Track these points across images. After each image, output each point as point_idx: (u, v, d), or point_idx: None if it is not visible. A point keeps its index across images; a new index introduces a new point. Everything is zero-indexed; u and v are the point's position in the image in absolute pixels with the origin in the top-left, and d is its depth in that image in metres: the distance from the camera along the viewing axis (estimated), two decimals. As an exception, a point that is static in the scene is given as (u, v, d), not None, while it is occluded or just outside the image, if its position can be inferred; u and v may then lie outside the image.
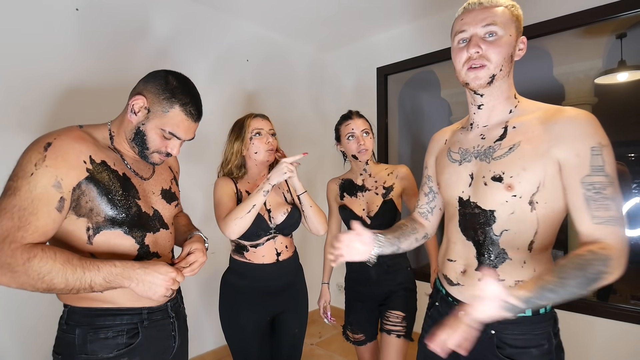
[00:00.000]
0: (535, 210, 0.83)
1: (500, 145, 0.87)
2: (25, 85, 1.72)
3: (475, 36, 0.85)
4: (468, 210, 0.91)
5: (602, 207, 0.74)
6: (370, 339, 1.63)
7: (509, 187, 0.83)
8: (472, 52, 0.84)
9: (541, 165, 0.80)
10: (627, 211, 1.99)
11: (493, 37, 0.84)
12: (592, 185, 0.75)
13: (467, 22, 0.86)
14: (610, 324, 1.89)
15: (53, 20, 1.80)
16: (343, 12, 2.54)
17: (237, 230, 1.29)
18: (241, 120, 1.46)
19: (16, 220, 0.77)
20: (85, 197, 0.86)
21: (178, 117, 0.94)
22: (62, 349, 0.90)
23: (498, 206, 0.85)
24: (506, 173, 0.84)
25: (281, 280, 1.44)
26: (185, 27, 2.32)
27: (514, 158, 0.84)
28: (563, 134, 0.79)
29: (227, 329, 1.44)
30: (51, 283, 0.77)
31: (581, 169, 0.76)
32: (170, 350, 1.02)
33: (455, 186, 0.95)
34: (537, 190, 0.82)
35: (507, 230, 0.85)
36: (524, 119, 0.87)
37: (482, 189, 0.88)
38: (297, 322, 1.50)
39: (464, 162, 0.94)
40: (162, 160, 1.00)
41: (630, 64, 1.96)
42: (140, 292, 0.86)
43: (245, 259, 1.41)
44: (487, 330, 0.86)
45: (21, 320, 1.69)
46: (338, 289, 3.27)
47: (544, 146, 0.81)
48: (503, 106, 0.91)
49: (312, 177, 3.22)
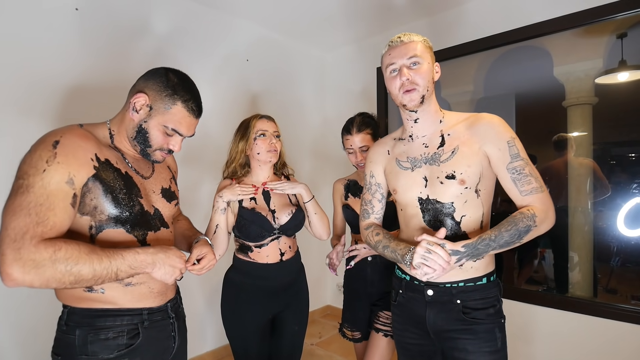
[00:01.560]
0: (480, 196, 1.06)
1: (443, 150, 1.08)
2: (25, 84, 1.72)
3: (403, 66, 1.06)
4: (430, 207, 1.09)
5: (525, 183, 1.00)
6: (366, 337, 1.65)
7: (462, 182, 1.04)
8: (404, 80, 1.05)
9: (478, 161, 1.04)
10: (627, 211, 1.99)
11: (417, 66, 1.06)
12: (514, 169, 1.01)
13: (394, 56, 1.07)
14: (610, 324, 1.89)
15: (53, 20, 1.80)
16: (343, 11, 2.54)
17: (218, 251, 1.37)
18: (247, 120, 1.48)
19: (34, 216, 0.75)
20: (91, 195, 0.86)
21: (180, 114, 0.95)
22: (62, 349, 0.89)
23: (455, 198, 1.06)
24: (457, 171, 1.05)
25: (284, 280, 1.47)
26: (185, 27, 2.32)
27: (458, 159, 1.05)
28: (486, 135, 1.04)
29: (229, 325, 1.45)
30: (79, 275, 0.77)
31: (504, 159, 1.01)
32: (170, 351, 1.02)
33: (413, 189, 1.12)
34: (479, 181, 1.05)
35: (465, 215, 1.06)
36: (454, 127, 1.10)
37: (439, 187, 1.07)
38: (297, 319, 1.53)
39: (416, 168, 1.13)
40: (164, 157, 1.01)
41: (630, 63, 1.96)
42: (159, 275, 0.90)
43: (250, 259, 1.44)
44: (453, 301, 1.06)
45: (21, 321, 1.69)
46: (338, 289, 3.28)
47: (475, 146, 1.04)
48: (434, 118, 1.13)
49: (313, 176, 3.22)
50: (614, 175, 2.06)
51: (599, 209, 2.07)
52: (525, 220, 0.97)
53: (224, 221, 1.37)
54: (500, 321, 1.07)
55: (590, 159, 2.11)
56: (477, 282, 1.06)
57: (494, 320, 1.06)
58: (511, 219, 0.98)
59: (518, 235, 0.97)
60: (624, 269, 2.04)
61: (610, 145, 2.09)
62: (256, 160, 1.47)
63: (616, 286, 2.07)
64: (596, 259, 2.11)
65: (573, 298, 2.08)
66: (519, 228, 0.96)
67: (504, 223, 0.98)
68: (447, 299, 1.07)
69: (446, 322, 1.07)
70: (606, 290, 2.09)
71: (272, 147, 1.44)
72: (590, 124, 2.10)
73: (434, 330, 1.10)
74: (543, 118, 2.35)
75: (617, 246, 2.04)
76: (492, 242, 0.97)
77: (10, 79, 1.68)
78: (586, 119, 2.11)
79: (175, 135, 0.97)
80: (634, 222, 1.96)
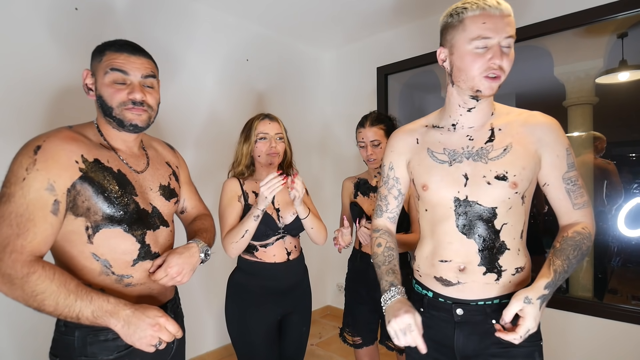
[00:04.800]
0: (524, 203, 0.93)
1: (492, 146, 0.93)
2: (24, 84, 1.72)
3: (498, 47, 0.84)
4: (468, 209, 0.93)
5: (579, 195, 0.90)
6: (367, 343, 1.61)
7: (514, 185, 0.90)
8: (498, 62, 0.84)
9: (533, 164, 0.91)
10: (627, 211, 1.98)
11: (509, 50, 0.86)
12: (570, 180, 0.90)
13: (490, 28, 0.83)
14: (611, 324, 1.89)
15: (52, 20, 1.80)
16: (343, 11, 2.54)
17: (235, 252, 1.35)
18: (250, 121, 1.46)
19: (15, 228, 0.76)
20: (81, 197, 0.85)
21: (112, 55, 0.91)
22: (60, 351, 0.89)
23: (499, 203, 0.91)
24: (509, 172, 0.90)
25: (291, 280, 1.46)
26: (185, 27, 2.32)
27: (512, 158, 0.90)
28: (545, 138, 0.90)
29: (235, 330, 1.42)
30: (42, 303, 0.76)
31: (561, 167, 0.90)
32: (169, 351, 1.02)
33: (450, 187, 0.95)
34: (528, 186, 0.92)
35: (506, 223, 0.92)
36: (505, 121, 0.95)
37: (483, 188, 0.91)
38: (304, 321, 1.52)
39: (455, 163, 0.95)
40: (139, 115, 0.93)
41: (631, 63, 1.96)
42: (124, 335, 0.81)
43: (256, 259, 1.42)
44: (488, 321, 0.92)
45: (21, 321, 1.69)
46: (338, 289, 3.27)
47: (532, 147, 0.91)
48: (488, 109, 0.96)
49: (314, 175, 3.22)
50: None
51: (599, 208, 2.07)
52: (586, 242, 0.87)
53: (254, 228, 1.32)
54: (540, 343, 0.93)
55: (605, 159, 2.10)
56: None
57: (534, 343, 0.91)
58: (572, 242, 0.86)
59: (582, 258, 0.87)
60: (625, 269, 2.04)
61: (611, 145, 2.09)
62: (259, 162, 1.46)
63: (617, 286, 2.07)
64: (597, 259, 2.11)
65: (573, 298, 2.08)
66: (583, 251, 0.86)
67: (567, 248, 0.86)
68: (481, 319, 0.92)
69: (479, 345, 0.93)
70: (607, 290, 2.09)
71: (273, 150, 1.42)
72: (590, 124, 2.10)
73: (463, 355, 0.95)
74: (543, 118, 2.35)
75: (617, 246, 2.04)
76: (566, 274, 0.85)
77: (9, 79, 1.68)
78: (587, 118, 2.11)
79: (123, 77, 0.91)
80: (634, 222, 1.96)
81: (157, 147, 1.15)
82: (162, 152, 1.14)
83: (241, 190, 1.44)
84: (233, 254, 1.35)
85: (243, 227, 1.32)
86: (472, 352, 0.94)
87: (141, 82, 0.94)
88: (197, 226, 1.16)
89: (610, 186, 2.05)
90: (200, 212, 1.24)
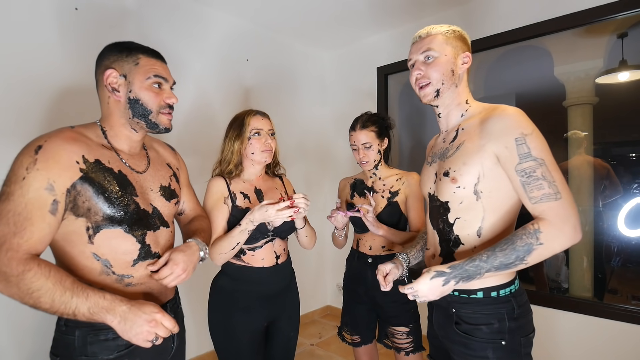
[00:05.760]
0: (481, 199, 0.96)
1: (452, 145, 1.03)
2: (24, 85, 1.72)
3: (417, 62, 1.05)
4: (433, 204, 1.08)
5: (535, 188, 0.86)
6: (366, 342, 1.62)
7: (453, 180, 0.98)
8: (416, 74, 1.04)
9: (478, 159, 0.94)
10: (627, 211, 1.98)
11: (431, 60, 1.02)
12: (523, 171, 0.87)
13: (411, 51, 1.07)
14: (611, 324, 1.89)
15: (53, 20, 1.80)
16: (343, 11, 2.54)
17: (222, 262, 1.32)
18: (240, 116, 1.39)
19: (12, 226, 0.77)
20: (82, 197, 0.85)
21: (150, 61, 0.96)
22: (61, 350, 0.89)
23: (449, 197, 1.00)
24: (451, 168, 0.99)
25: (279, 284, 1.40)
26: (185, 27, 2.32)
27: (459, 155, 0.98)
28: (492, 131, 0.92)
29: (219, 338, 1.35)
30: (38, 301, 0.77)
31: (512, 159, 0.88)
32: (169, 351, 1.02)
33: (426, 184, 1.13)
34: (478, 181, 0.95)
35: (459, 218, 1.00)
36: (470, 121, 1.01)
37: (439, 184, 1.04)
38: (293, 326, 1.48)
39: (432, 163, 1.12)
40: (170, 119, 1.01)
41: (631, 63, 1.96)
42: (121, 331, 0.81)
43: (243, 262, 1.36)
44: (449, 309, 1.02)
45: (21, 321, 1.69)
46: (338, 289, 3.27)
47: (479, 142, 0.94)
48: (456, 111, 1.06)
49: (311, 176, 3.22)
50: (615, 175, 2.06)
51: (599, 208, 2.07)
52: (525, 238, 0.84)
53: (244, 240, 1.29)
54: (499, 342, 0.93)
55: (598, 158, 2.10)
56: (470, 295, 0.97)
57: (488, 339, 0.94)
58: (510, 237, 0.87)
59: (516, 257, 0.85)
60: (624, 269, 2.04)
61: (611, 145, 2.09)
62: (249, 160, 1.39)
63: (616, 286, 2.07)
64: (597, 259, 2.11)
65: (573, 298, 2.08)
66: (516, 247, 0.85)
67: (502, 241, 0.88)
68: (445, 306, 1.04)
69: (444, 328, 1.05)
70: (607, 290, 2.09)
71: (267, 146, 1.36)
72: (590, 124, 2.10)
73: (440, 334, 1.08)
74: (543, 118, 2.34)
75: (617, 246, 2.04)
76: (484, 264, 0.87)
77: (9, 79, 1.68)
78: (586, 118, 2.11)
79: (162, 83, 0.97)
80: (634, 222, 1.96)
81: (158, 148, 1.15)
82: (163, 154, 1.15)
83: (228, 191, 1.36)
84: (219, 263, 1.31)
85: (234, 239, 1.27)
86: (442, 332, 1.07)
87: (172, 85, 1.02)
88: (195, 226, 1.17)
89: (608, 187, 2.06)
90: (197, 214, 1.24)
